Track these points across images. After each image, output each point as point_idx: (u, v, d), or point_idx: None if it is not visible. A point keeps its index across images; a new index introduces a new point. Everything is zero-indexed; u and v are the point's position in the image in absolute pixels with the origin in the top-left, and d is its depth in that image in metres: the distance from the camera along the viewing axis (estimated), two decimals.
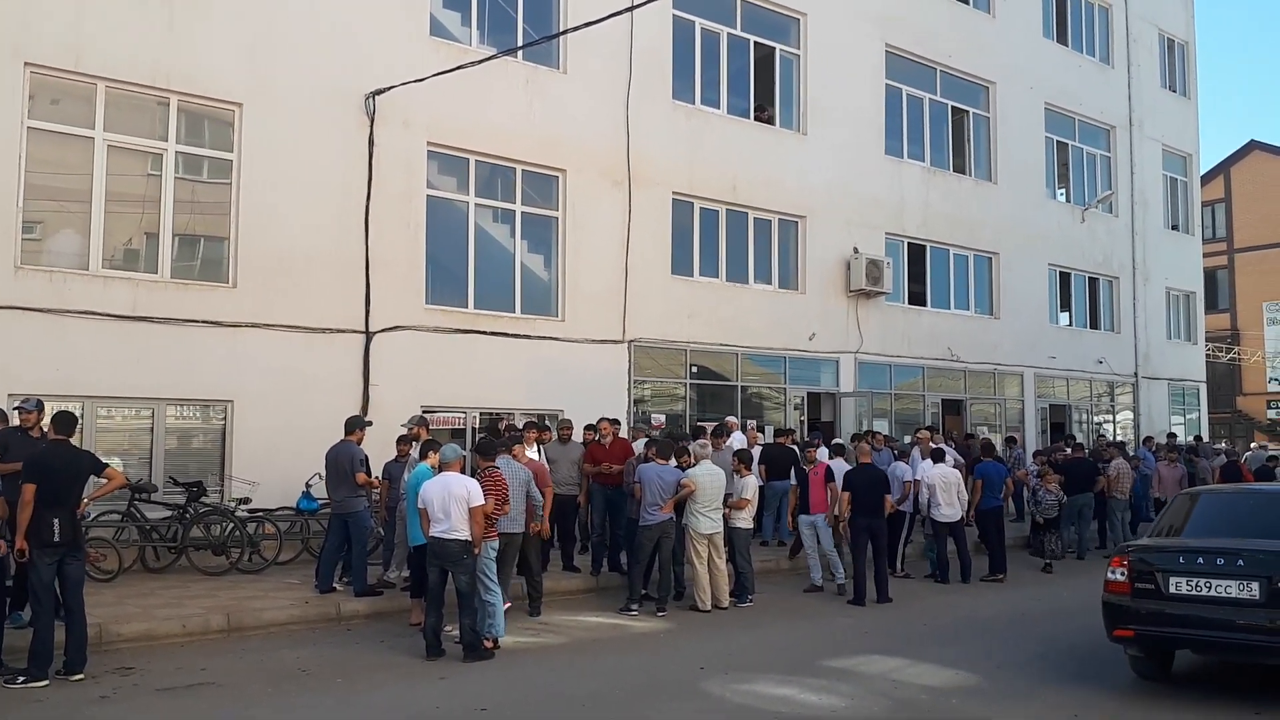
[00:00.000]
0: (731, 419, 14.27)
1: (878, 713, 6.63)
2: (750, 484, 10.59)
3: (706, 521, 9.96)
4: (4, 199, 10.43)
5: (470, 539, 7.85)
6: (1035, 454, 15.98)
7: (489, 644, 7.98)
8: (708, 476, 10.03)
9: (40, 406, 8.59)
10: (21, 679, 6.76)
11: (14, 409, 8.69)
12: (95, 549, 9.69)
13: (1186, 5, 26.57)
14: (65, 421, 7.48)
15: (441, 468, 8.11)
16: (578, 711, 6.62)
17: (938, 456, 12.53)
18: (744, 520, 10.50)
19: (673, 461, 10.10)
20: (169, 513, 10.62)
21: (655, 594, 9.93)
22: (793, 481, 13.89)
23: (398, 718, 6.43)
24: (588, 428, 11.92)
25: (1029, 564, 13.60)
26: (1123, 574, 7.08)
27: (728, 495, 10.39)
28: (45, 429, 8.19)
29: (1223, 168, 40.24)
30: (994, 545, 12.51)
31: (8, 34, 10.45)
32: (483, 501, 7.90)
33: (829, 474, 11.28)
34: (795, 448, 14.62)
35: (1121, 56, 24.08)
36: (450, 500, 7.79)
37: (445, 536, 7.83)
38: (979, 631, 9.37)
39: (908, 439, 15.51)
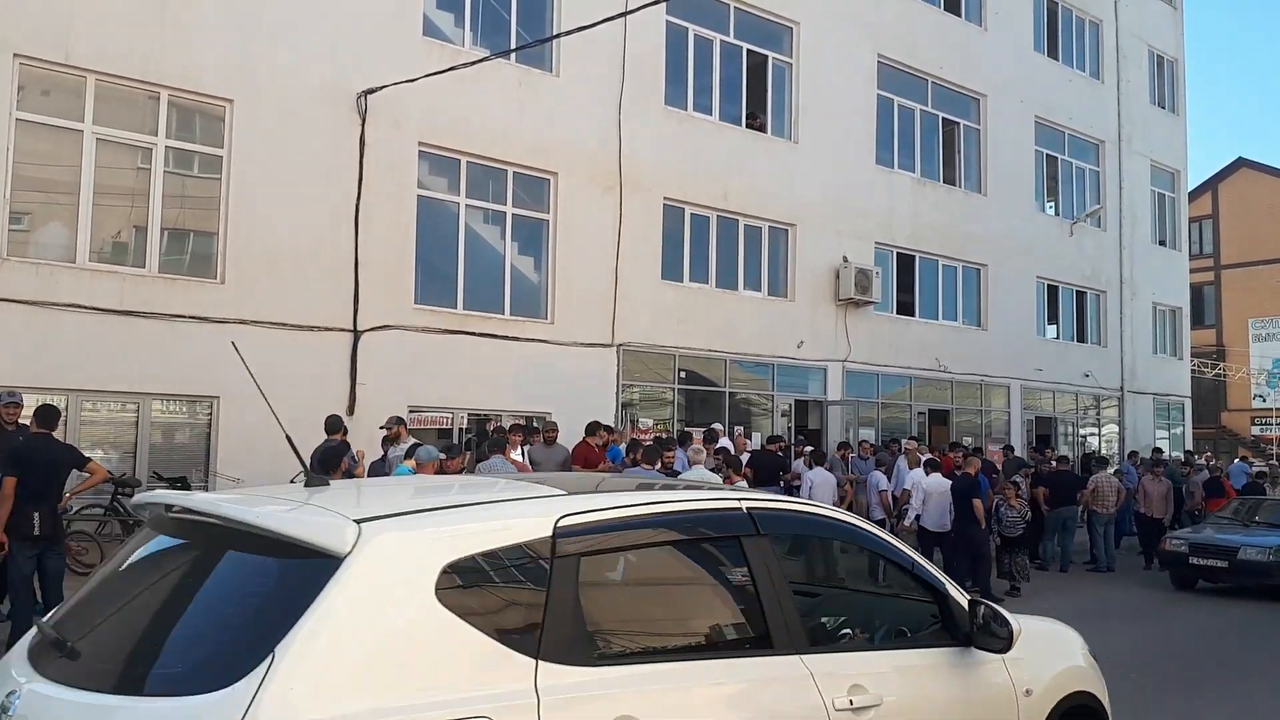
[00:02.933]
0: (717, 425, 14.29)
1: None
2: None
3: None
4: None
5: None
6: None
7: None
8: (700, 482, 9.98)
9: (19, 404, 8.42)
10: None
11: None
12: (77, 543, 9.64)
13: (1177, 22, 26.80)
14: (48, 415, 7.45)
15: (417, 470, 8.10)
16: None
17: (932, 466, 12.64)
18: None
19: (659, 465, 10.12)
20: None
21: None
22: (779, 488, 14.07)
23: None
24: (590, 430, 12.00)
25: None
26: None
27: None
28: (21, 423, 8.09)
29: (1210, 184, 40.54)
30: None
31: None
32: None
33: None
34: (783, 454, 14.73)
35: (1112, 72, 24.25)
36: None
37: None
38: None
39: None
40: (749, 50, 17.07)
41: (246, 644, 2.41)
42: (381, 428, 10.51)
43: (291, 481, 11.85)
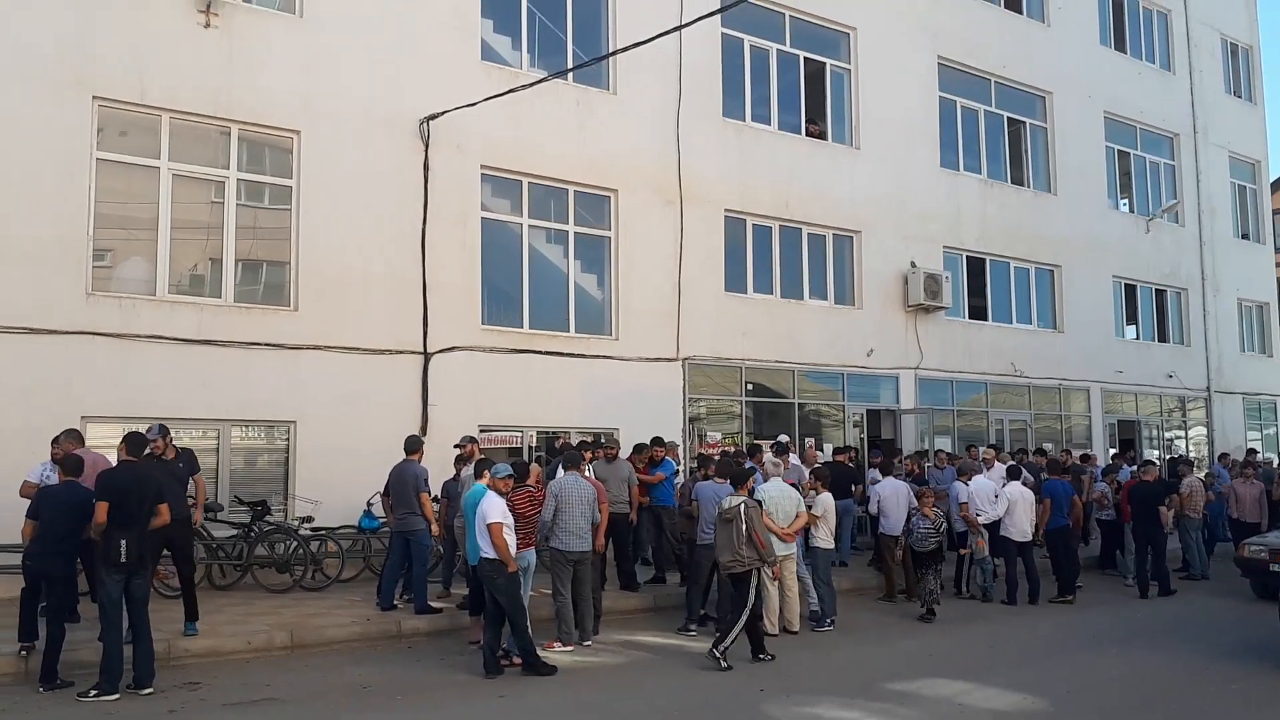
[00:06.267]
0: (784, 437, 14.07)
1: None
2: (826, 501, 10.37)
3: (778, 543, 9.73)
4: (75, 228, 10.77)
5: (496, 558, 7.83)
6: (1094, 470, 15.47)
7: (507, 663, 7.94)
8: (779, 495, 9.79)
9: (165, 432, 8.86)
10: (94, 692, 6.91)
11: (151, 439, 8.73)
12: (163, 567, 9.88)
13: (1249, 7, 25.88)
14: (135, 443, 7.65)
15: (490, 485, 8.14)
16: None
17: (1014, 474, 12.28)
18: (823, 540, 10.29)
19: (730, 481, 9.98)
20: (234, 531, 10.82)
21: (714, 614, 9.80)
22: (855, 500, 13.80)
23: None
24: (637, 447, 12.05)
25: (1103, 586, 13.18)
26: None
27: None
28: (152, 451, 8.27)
29: None
30: (1063, 566, 12.14)
31: (75, 68, 10.82)
32: (495, 520, 7.83)
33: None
34: (853, 465, 14.45)
35: (1183, 62, 23.51)
36: (480, 519, 7.90)
37: (484, 555, 7.87)
38: (1049, 655, 9.07)
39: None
40: (806, 58, 16.94)
41: None
42: (455, 446, 10.59)
43: (369, 503, 12.11)
